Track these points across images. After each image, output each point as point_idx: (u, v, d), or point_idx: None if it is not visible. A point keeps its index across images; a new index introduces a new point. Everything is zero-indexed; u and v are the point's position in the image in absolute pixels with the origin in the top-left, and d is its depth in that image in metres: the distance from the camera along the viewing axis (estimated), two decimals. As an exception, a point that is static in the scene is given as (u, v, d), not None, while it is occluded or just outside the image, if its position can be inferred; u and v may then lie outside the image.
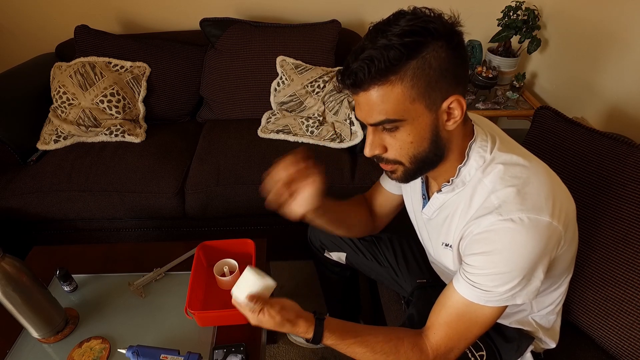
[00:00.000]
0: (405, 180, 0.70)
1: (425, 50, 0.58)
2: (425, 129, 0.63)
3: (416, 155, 0.65)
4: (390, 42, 0.57)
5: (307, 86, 1.66)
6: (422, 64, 0.58)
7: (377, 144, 0.66)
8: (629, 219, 0.89)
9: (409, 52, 0.57)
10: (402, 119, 0.61)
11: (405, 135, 0.63)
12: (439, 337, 0.70)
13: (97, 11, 1.92)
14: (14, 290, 0.83)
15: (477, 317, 0.68)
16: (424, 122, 0.62)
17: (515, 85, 1.80)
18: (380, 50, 0.57)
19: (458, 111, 0.62)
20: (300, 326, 0.72)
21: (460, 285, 0.68)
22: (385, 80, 0.58)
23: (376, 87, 0.59)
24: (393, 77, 0.58)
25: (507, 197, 0.63)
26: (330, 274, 1.20)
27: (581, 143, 1.00)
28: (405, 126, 0.62)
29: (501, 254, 0.63)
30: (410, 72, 0.58)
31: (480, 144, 0.69)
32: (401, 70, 0.58)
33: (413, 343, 0.72)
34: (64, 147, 1.57)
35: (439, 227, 0.78)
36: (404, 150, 0.65)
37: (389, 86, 0.59)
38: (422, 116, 0.61)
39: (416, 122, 0.62)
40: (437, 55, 0.58)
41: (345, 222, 0.96)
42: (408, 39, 0.57)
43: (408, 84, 0.59)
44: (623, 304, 0.88)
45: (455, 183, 0.71)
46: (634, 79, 1.41)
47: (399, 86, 0.59)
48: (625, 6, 1.43)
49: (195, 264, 1.02)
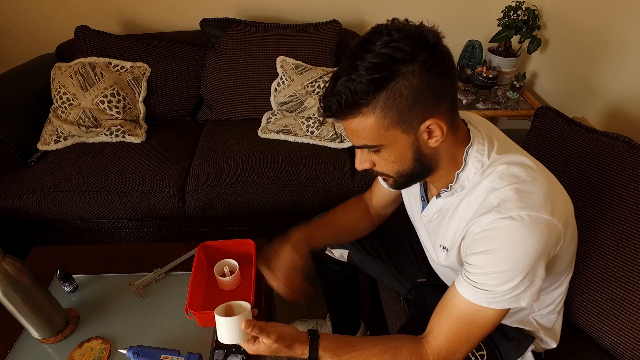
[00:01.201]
0: (398, 188, 0.74)
1: (394, 80, 0.57)
2: (406, 149, 0.64)
3: (401, 172, 0.68)
4: (358, 77, 0.58)
5: (307, 86, 1.66)
6: (392, 94, 0.58)
7: (365, 160, 0.70)
8: (629, 218, 0.89)
9: (376, 86, 0.57)
10: (380, 144, 0.64)
11: (387, 156, 0.66)
12: (440, 341, 0.69)
13: (98, 11, 1.92)
14: (15, 291, 0.83)
15: (479, 319, 0.67)
16: (403, 145, 0.64)
17: (516, 85, 1.80)
18: (348, 85, 0.58)
19: (438, 132, 0.62)
20: (296, 349, 0.72)
21: (462, 287, 0.67)
22: (357, 112, 0.61)
23: (350, 119, 0.62)
24: (365, 109, 0.60)
25: (506, 195, 0.63)
26: (330, 273, 1.20)
27: (582, 143, 1.00)
28: (385, 149, 0.65)
29: (501, 252, 0.63)
30: (381, 103, 0.59)
31: (478, 147, 0.69)
32: (371, 103, 0.59)
33: (412, 351, 0.70)
34: (65, 147, 1.57)
35: (437, 229, 0.78)
36: (389, 167, 0.68)
37: (361, 117, 0.61)
38: (400, 139, 0.63)
39: (394, 145, 0.64)
40: (409, 83, 0.57)
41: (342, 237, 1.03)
42: (376, 74, 0.57)
43: (380, 115, 0.60)
44: (624, 304, 0.88)
45: (454, 188, 0.71)
46: (634, 79, 1.41)
47: (371, 117, 0.60)
48: (625, 6, 1.43)
49: (196, 264, 1.02)
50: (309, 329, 0.74)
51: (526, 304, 0.65)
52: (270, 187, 1.46)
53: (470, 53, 1.87)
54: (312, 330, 0.73)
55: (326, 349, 0.71)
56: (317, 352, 0.71)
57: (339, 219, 1.01)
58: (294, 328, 0.74)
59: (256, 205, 1.48)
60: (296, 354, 0.72)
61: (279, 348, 0.71)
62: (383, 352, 0.71)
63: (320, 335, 0.72)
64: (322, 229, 0.97)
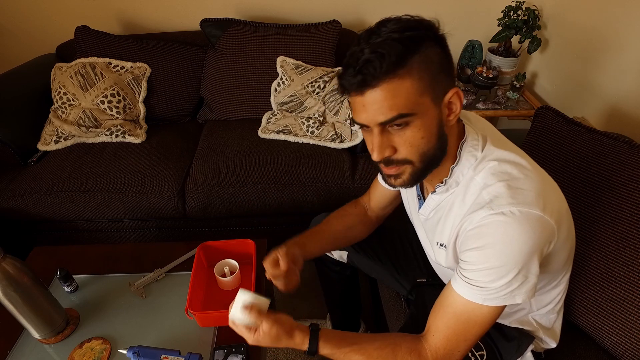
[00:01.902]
0: (411, 182, 0.68)
1: (423, 45, 0.59)
2: (433, 123, 0.63)
3: (426, 153, 0.65)
4: (392, 36, 0.57)
5: (307, 86, 1.66)
6: (424, 57, 0.59)
7: (386, 145, 0.64)
8: (629, 218, 0.89)
9: (411, 45, 0.58)
10: (413, 112, 0.61)
11: (416, 131, 0.62)
12: (438, 339, 0.70)
13: (98, 12, 1.92)
14: (15, 291, 0.83)
15: (475, 316, 0.67)
16: (431, 116, 0.63)
17: (516, 85, 1.80)
18: (385, 44, 0.57)
19: (457, 104, 0.64)
20: (296, 337, 0.72)
21: (457, 284, 0.68)
22: (394, 74, 0.58)
23: (387, 82, 0.59)
24: (401, 71, 0.58)
25: (498, 191, 0.64)
26: (330, 273, 1.20)
27: (582, 143, 1.00)
28: (415, 121, 0.62)
29: (493, 248, 0.63)
30: (416, 65, 0.59)
31: (471, 143, 0.69)
32: (408, 64, 0.58)
33: (411, 348, 0.71)
34: (65, 147, 1.57)
35: (434, 227, 0.79)
36: (414, 147, 0.64)
37: (399, 80, 0.59)
38: (429, 110, 0.62)
39: (425, 117, 0.62)
40: (434, 50, 0.60)
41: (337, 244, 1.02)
42: (408, 32, 0.58)
43: (416, 77, 0.59)
44: (624, 304, 0.88)
45: (449, 183, 0.71)
46: (634, 79, 1.41)
47: (408, 79, 0.59)
48: (625, 6, 1.43)
49: (196, 265, 1.02)
50: (311, 322, 0.75)
51: (521, 300, 0.65)
52: (270, 187, 1.46)
53: (470, 53, 1.87)
54: (314, 324, 0.74)
55: (327, 341, 0.72)
56: (318, 343, 0.71)
57: (333, 225, 1.00)
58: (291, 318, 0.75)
59: (256, 205, 1.48)
60: (296, 343, 0.73)
61: (278, 334, 0.71)
62: (382, 348, 0.71)
63: (321, 328, 0.73)
64: (317, 237, 0.97)
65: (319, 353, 0.73)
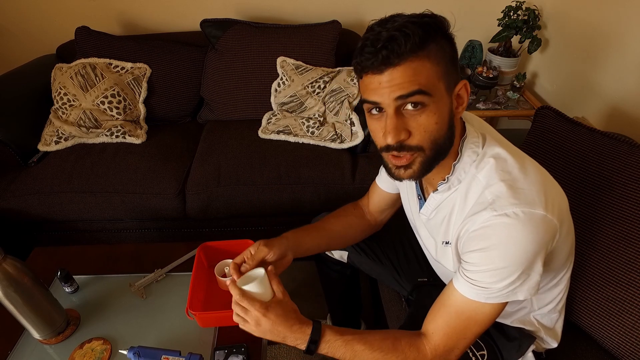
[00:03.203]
0: (421, 172, 0.67)
1: (437, 36, 0.60)
2: (445, 110, 0.64)
3: (437, 140, 0.64)
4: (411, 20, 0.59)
5: (307, 87, 1.66)
6: (440, 46, 0.61)
7: (402, 128, 0.62)
8: (630, 218, 0.88)
9: (430, 31, 0.59)
10: (432, 93, 0.60)
11: (431, 115, 0.61)
12: (438, 336, 0.70)
13: (98, 12, 1.92)
14: (15, 291, 0.83)
15: (476, 315, 0.68)
16: (445, 103, 0.63)
17: (516, 85, 1.80)
18: (408, 26, 0.58)
19: (465, 97, 0.66)
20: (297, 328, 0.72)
21: (459, 284, 0.68)
22: (416, 55, 0.59)
23: (409, 60, 0.58)
24: (422, 53, 0.59)
25: (500, 192, 0.64)
26: (331, 272, 1.20)
27: (582, 143, 1.00)
28: (431, 105, 0.61)
29: (497, 250, 0.63)
30: (434, 51, 0.60)
31: (472, 140, 0.70)
32: (427, 48, 0.59)
33: (411, 342, 0.72)
34: (65, 148, 1.57)
35: (438, 227, 0.78)
36: (427, 133, 0.63)
37: (420, 61, 0.59)
38: (443, 97, 0.63)
39: (440, 103, 0.62)
40: (445, 42, 0.62)
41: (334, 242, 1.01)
42: (426, 18, 0.60)
43: (434, 61, 0.60)
44: (625, 304, 0.88)
45: (451, 181, 0.71)
46: (634, 79, 1.41)
47: (427, 62, 0.60)
48: (625, 6, 1.43)
49: (196, 265, 1.02)
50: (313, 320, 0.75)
51: (523, 297, 0.66)
52: (270, 187, 1.46)
53: (470, 53, 1.87)
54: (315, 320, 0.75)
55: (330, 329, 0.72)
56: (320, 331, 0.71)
57: (332, 224, 1.00)
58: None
59: (257, 205, 1.48)
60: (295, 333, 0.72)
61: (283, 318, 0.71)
62: (384, 339, 0.72)
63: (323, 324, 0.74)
64: (314, 233, 0.97)
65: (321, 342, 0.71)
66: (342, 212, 1.03)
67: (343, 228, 1.01)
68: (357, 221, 1.03)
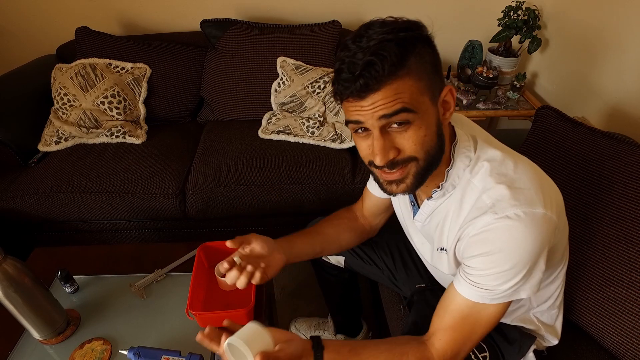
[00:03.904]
0: (415, 185, 0.66)
1: (417, 45, 0.58)
2: (432, 122, 0.62)
3: (429, 150, 0.63)
4: (386, 38, 0.56)
5: (307, 87, 1.66)
6: (420, 58, 0.58)
7: (389, 147, 0.62)
8: (630, 218, 0.88)
9: (407, 46, 0.57)
10: (416, 110, 0.59)
11: (418, 130, 0.61)
12: (445, 342, 0.69)
13: (98, 13, 1.92)
14: (16, 292, 0.83)
15: (481, 317, 0.68)
16: (431, 115, 0.62)
17: (516, 85, 1.80)
18: (384, 46, 0.56)
19: (451, 102, 0.65)
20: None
21: (462, 287, 0.67)
22: (396, 75, 0.57)
23: (389, 84, 0.57)
24: (401, 72, 0.57)
25: (499, 195, 0.63)
26: (329, 277, 1.20)
27: (582, 142, 1.00)
28: (416, 121, 0.60)
29: (501, 252, 0.63)
30: (414, 65, 0.58)
31: (463, 144, 0.69)
32: (406, 65, 0.57)
33: (418, 356, 0.70)
34: (65, 148, 1.57)
35: (432, 233, 0.78)
36: (418, 144, 0.62)
37: (400, 81, 0.57)
38: (429, 109, 0.62)
39: (426, 115, 0.61)
40: (426, 50, 0.60)
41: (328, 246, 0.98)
42: (402, 33, 0.57)
43: (415, 77, 0.58)
44: (625, 304, 0.88)
45: (445, 187, 0.71)
46: (634, 78, 1.41)
47: (408, 80, 0.58)
48: (625, 6, 1.43)
49: (196, 265, 1.02)
50: (312, 335, 0.73)
51: (526, 295, 0.66)
52: (270, 187, 1.46)
53: (470, 53, 1.87)
54: (315, 338, 0.69)
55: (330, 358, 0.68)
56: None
57: (325, 228, 0.99)
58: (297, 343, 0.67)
59: (257, 205, 1.48)
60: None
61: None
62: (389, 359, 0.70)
63: (324, 345, 0.68)
64: (307, 237, 0.95)
65: None
66: (334, 217, 1.02)
67: (336, 232, 0.99)
68: (350, 225, 1.02)
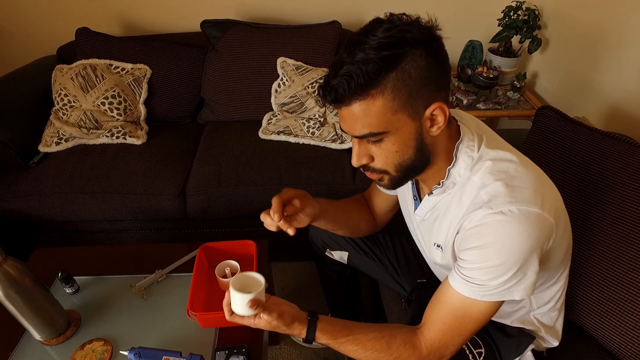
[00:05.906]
0: (392, 187, 0.72)
1: (404, 61, 0.57)
2: (410, 137, 0.63)
3: (402, 164, 0.66)
4: (368, 56, 0.56)
5: (307, 87, 1.66)
6: (401, 75, 0.58)
7: (364, 154, 0.67)
8: (631, 218, 0.88)
9: (387, 65, 0.57)
10: (385, 130, 0.62)
11: (390, 145, 0.64)
12: (433, 332, 0.71)
13: (98, 13, 1.92)
14: (16, 292, 0.83)
15: (471, 312, 0.68)
16: (408, 131, 0.63)
17: (516, 85, 1.80)
18: (358, 65, 0.57)
19: (441, 117, 0.63)
20: (295, 328, 0.74)
21: (455, 281, 0.69)
22: (365, 94, 0.59)
23: (357, 102, 0.60)
24: (373, 91, 0.58)
25: (496, 191, 0.64)
26: (331, 273, 1.20)
27: (583, 142, 1.00)
28: (389, 137, 0.63)
29: (493, 247, 0.63)
30: (391, 84, 0.58)
31: (467, 143, 0.69)
32: (381, 84, 0.58)
33: (406, 340, 0.72)
34: (66, 149, 1.57)
35: (430, 228, 0.79)
36: (389, 159, 0.66)
37: (370, 100, 0.59)
38: (405, 125, 0.62)
39: (399, 132, 0.62)
40: (416, 64, 0.58)
41: (348, 222, 0.99)
42: (386, 52, 0.56)
43: (389, 97, 0.59)
44: (626, 304, 0.88)
45: (446, 185, 0.72)
46: (634, 78, 1.41)
47: (380, 99, 0.59)
48: (625, 6, 1.43)
49: (197, 266, 1.02)
50: (310, 309, 0.77)
51: (519, 297, 0.66)
52: (271, 188, 1.46)
53: (470, 53, 1.87)
54: (312, 311, 0.76)
55: (323, 331, 0.74)
56: (314, 333, 0.74)
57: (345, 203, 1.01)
58: (295, 308, 0.77)
59: (257, 206, 1.48)
60: (294, 333, 0.75)
61: (279, 325, 0.73)
62: (378, 339, 0.73)
63: (319, 317, 0.75)
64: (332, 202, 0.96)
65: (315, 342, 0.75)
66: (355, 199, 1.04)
67: (358, 219, 1.01)
68: (368, 217, 1.04)
